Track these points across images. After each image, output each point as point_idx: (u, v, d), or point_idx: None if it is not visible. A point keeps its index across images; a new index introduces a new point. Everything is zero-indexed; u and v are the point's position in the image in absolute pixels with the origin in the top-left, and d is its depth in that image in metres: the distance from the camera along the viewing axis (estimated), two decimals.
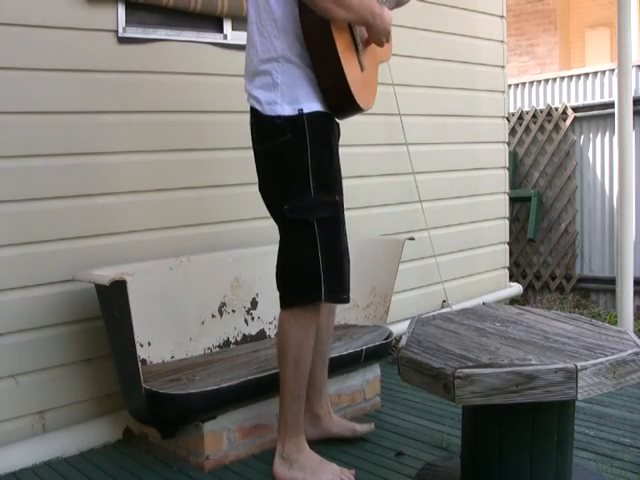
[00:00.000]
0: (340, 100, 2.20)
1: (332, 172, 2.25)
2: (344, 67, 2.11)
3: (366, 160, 3.71)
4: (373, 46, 2.36)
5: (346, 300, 2.29)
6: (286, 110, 2.18)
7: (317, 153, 2.19)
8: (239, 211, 3.14)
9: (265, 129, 2.23)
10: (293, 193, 2.20)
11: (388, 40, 2.35)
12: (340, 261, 2.24)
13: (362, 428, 2.65)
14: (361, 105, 2.23)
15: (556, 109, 5.63)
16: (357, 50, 2.24)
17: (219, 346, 2.90)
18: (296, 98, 2.18)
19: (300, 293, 2.24)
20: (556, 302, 5.45)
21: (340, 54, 2.11)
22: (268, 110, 2.20)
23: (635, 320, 4.31)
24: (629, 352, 1.84)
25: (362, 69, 2.26)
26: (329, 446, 2.62)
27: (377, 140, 3.81)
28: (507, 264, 4.83)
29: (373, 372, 3.01)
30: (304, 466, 2.29)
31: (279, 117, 2.18)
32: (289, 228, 2.24)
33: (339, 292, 2.25)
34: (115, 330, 2.52)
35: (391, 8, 2.46)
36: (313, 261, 2.19)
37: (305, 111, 2.17)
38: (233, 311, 2.97)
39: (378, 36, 2.28)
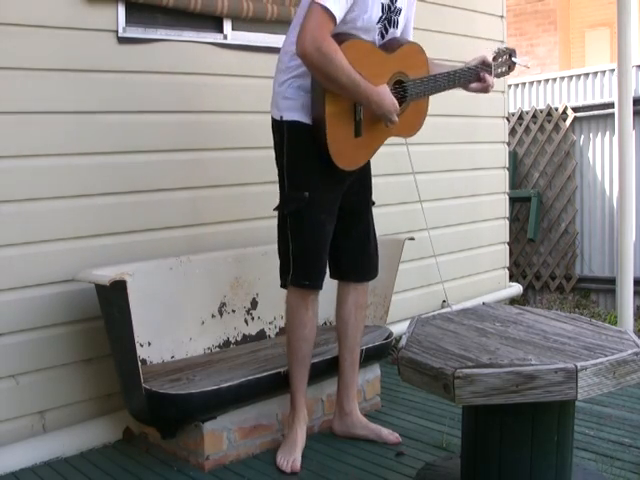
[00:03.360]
0: (325, 153, 2.37)
1: (303, 172, 2.45)
2: (327, 126, 2.33)
3: None
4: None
5: (308, 286, 2.48)
6: (276, 114, 2.48)
7: (290, 155, 2.46)
8: (239, 211, 3.14)
9: None
10: (279, 189, 2.53)
11: (391, 122, 2.40)
12: (304, 250, 2.47)
13: (388, 437, 2.66)
14: (339, 164, 2.40)
15: (556, 109, 5.63)
16: (356, 118, 2.39)
17: (219, 346, 2.90)
18: (284, 107, 2.44)
19: (280, 275, 2.55)
20: (556, 302, 5.45)
21: (327, 115, 2.32)
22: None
23: (635, 320, 4.31)
24: (629, 352, 1.84)
25: (357, 135, 2.40)
26: (328, 445, 2.62)
27: None
28: (507, 264, 4.83)
29: (373, 372, 3.01)
30: (286, 439, 2.55)
31: (272, 119, 2.51)
32: (278, 219, 2.54)
33: (301, 278, 2.48)
34: (115, 330, 2.52)
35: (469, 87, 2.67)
36: (286, 249, 2.50)
37: (285, 119, 2.43)
38: (233, 311, 2.96)
39: (376, 114, 2.38)
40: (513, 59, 2.73)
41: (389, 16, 2.42)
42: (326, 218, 2.48)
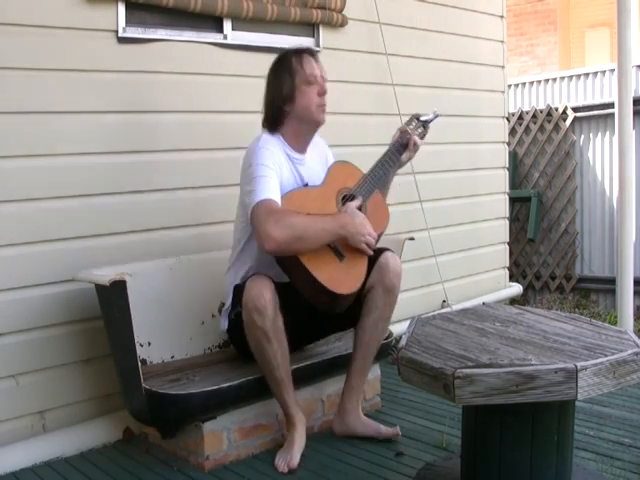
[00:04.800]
0: (327, 299, 2.44)
1: None
2: (315, 275, 2.39)
3: (366, 160, 3.70)
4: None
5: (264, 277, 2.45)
6: (223, 323, 2.68)
7: None
8: None
9: None
10: None
11: (369, 246, 2.51)
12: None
13: (387, 431, 2.66)
14: (340, 291, 2.44)
15: (556, 109, 5.63)
16: (329, 244, 2.47)
17: (219, 346, 2.90)
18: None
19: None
20: (556, 302, 5.45)
21: (307, 265, 2.39)
22: None
23: (635, 320, 4.31)
24: (629, 352, 1.84)
25: (341, 259, 2.49)
26: (328, 445, 2.62)
27: (377, 140, 3.80)
28: (507, 264, 4.82)
29: (373, 372, 3.00)
30: (285, 441, 2.55)
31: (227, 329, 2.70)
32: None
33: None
34: (115, 330, 2.52)
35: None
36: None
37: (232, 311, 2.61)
38: None
39: (353, 242, 2.48)
40: (421, 119, 2.88)
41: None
42: None
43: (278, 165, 2.50)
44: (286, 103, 2.56)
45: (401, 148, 2.78)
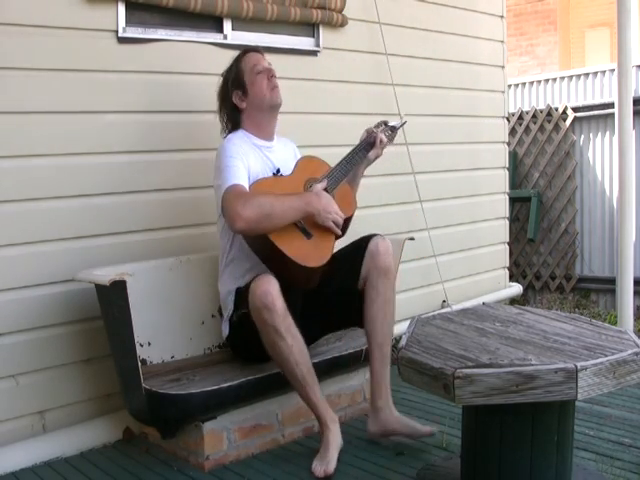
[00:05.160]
0: (298, 274, 2.50)
1: None
2: (283, 250, 2.45)
3: None
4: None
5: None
6: (225, 329, 2.70)
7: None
8: None
9: None
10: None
11: (336, 225, 2.58)
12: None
13: (424, 429, 2.60)
14: (311, 264, 2.51)
15: (556, 109, 5.63)
16: (298, 225, 2.54)
17: (219, 346, 2.90)
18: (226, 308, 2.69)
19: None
20: (556, 302, 5.45)
21: (275, 242, 2.45)
22: None
23: (635, 320, 4.31)
24: (629, 352, 1.84)
25: (309, 237, 2.56)
26: None
27: None
28: (507, 264, 4.82)
29: None
30: (321, 444, 2.47)
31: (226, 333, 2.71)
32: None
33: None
34: (115, 330, 2.52)
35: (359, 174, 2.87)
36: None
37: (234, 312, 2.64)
38: None
39: (320, 220, 2.54)
40: (389, 125, 2.97)
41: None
42: None
43: (244, 154, 2.58)
44: (241, 100, 2.69)
45: (368, 146, 2.86)
